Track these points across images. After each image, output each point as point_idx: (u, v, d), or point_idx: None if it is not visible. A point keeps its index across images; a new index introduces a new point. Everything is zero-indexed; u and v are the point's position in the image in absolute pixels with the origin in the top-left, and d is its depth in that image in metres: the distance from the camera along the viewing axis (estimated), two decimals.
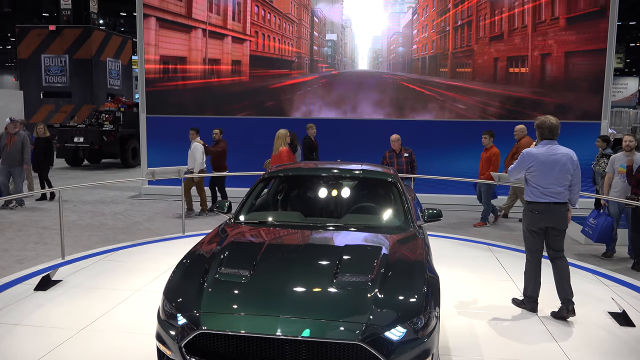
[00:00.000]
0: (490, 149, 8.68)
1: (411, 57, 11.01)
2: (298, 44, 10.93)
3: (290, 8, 9.84)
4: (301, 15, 9.90)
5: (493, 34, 10.55)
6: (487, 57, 10.63)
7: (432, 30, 10.54)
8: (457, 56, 10.77)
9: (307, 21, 10.34)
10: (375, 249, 3.73)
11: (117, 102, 19.15)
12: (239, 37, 11.01)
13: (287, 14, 9.90)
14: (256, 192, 4.85)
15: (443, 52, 10.76)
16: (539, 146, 4.77)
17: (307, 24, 10.29)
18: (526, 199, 4.81)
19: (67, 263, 6.21)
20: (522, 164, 4.74)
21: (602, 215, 6.94)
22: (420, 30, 10.45)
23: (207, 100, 11.58)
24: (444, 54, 10.77)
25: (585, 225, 7.14)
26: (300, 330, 2.84)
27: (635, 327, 4.55)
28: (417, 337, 2.93)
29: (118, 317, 4.60)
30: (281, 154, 7.59)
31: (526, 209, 4.84)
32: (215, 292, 3.18)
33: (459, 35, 10.51)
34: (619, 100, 35.78)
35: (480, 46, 10.62)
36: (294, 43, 10.74)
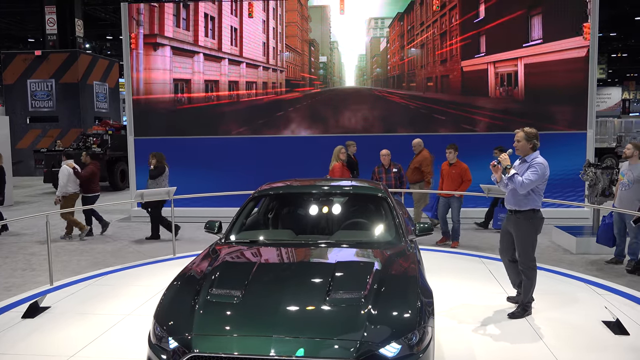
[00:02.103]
0: (458, 164, 8.23)
1: (387, 75, 11.36)
2: (302, 69, 11.50)
3: (297, 43, 11.39)
4: (303, 47, 11.42)
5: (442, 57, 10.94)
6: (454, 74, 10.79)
7: (397, 56, 11.36)
8: (414, 74, 10.92)
9: (307, 50, 11.47)
10: (368, 265, 3.71)
11: (105, 125, 19.06)
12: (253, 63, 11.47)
13: (294, 48, 11.40)
14: (246, 211, 4.82)
15: (408, 72, 11.14)
16: (536, 155, 4.89)
17: (307, 52, 11.46)
18: (532, 207, 4.87)
19: (56, 289, 6.11)
20: (543, 174, 4.78)
21: (609, 218, 7.07)
22: (391, 55, 11.34)
23: (196, 121, 11.58)
24: (408, 73, 11.12)
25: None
26: (294, 349, 2.80)
27: (629, 336, 4.54)
28: (412, 353, 2.90)
29: (108, 343, 4.51)
30: (334, 169, 8.01)
31: (535, 217, 4.90)
32: (206, 314, 3.13)
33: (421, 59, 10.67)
34: (603, 110, 36.29)
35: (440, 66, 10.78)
36: (299, 69, 11.52)
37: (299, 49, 11.36)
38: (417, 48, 11.08)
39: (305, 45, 11.40)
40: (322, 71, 11.43)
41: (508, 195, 5.01)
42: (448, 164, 8.31)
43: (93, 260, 7.78)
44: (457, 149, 8.32)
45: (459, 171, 8.17)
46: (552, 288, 5.87)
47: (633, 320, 4.87)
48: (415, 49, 11.09)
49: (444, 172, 8.36)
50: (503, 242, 5.25)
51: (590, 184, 7.97)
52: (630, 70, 47.74)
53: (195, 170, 11.39)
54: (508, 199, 5.03)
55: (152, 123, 11.65)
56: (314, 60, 11.35)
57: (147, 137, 11.62)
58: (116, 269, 7.04)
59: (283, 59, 11.40)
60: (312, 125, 11.39)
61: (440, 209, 8.46)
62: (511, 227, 5.04)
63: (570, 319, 4.91)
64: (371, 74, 11.43)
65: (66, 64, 23.64)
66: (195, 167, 11.44)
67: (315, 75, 11.45)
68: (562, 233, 8.36)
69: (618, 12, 25.63)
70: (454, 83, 10.95)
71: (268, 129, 11.42)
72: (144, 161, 11.62)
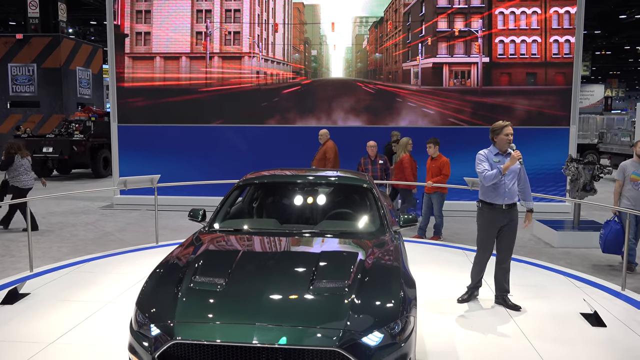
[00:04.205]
0: (439, 158, 8.17)
1: (367, 69, 11.50)
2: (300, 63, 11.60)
3: (297, 42, 11.61)
4: (302, 45, 11.65)
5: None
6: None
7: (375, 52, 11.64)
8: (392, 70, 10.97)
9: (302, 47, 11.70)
10: (352, 255, 3.72)
11: (88, 112, 18.79)
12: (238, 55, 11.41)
13: (294, 45, 11.63)
14: (231, 199, 4.80)
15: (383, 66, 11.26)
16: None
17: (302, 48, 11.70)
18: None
19: (36, 275, 6.03)
20: None
21: (609, 224, 6.56)
22: (371, 51, 11.62)
23: (180, 109, 11.47)
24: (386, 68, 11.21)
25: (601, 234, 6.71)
26: (277, 337, 2.80)
27: (606, 327, 4.63)
28: (395, 342, 2.92)
29: (89, 330, 4.47)
30: (402, 161, 8.37)
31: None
32: (189, 301, 3.11)
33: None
34: (585, 107, 36.73)
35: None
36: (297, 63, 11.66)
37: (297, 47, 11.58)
38: (382, 53, 11.50)
39: (301, 43, 11.58)
40: (314, 64, 11.46)
41: (509, 188, 4.88)
42: (430, 158, 8.31)
43: (74, 248, 7.69)
44: (438, 142, 8.26)
45: (438, 165, 8.13)
46: (532, 280, 5.95)
47: (610, 313, 4.96)
48: (380, 54, 11.48)
49: (427, 166, 8.38)
50: (491, 238, 5.08)
51: (572, 178, 8.08)
52: (613, 68, 48.39)
53: (179, 158, 11.31)
54: (507, 192, 4.87)
55: (136, 110, 11.51)
56: (307, 55, 11.54)
57: (131, 124, 11.50)
58: (98, 257, 6.97)
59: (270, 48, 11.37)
60: (297, 116, 11.36)
61: (424, 204, 8.47)
62: (506, 222, 4.97)
63: (549, 311, 4.99)
64: (355, 66, 11.48)
65: (48, 49, 23.20)
66: (180, 155, 11.36)
67: (306, 67, 11.44)
68: (543, 227, 8.47)
69: (603, 10, 25.88)
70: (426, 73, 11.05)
71: (253, 119, 11.37)
72: (127, 148, 11.52)
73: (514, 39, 10.84)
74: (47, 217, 10.15)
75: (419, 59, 11.18)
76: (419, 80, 11.18)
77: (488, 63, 10.93)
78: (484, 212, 5.03)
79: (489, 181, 4.82)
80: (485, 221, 5.05)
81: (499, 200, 4.91)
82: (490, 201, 4.95)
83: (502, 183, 4.86)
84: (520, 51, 10.85)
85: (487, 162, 4.91)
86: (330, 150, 9.28)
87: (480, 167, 4.91)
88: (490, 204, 4.96)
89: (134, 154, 11.44)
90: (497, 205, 4.92)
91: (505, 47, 10.89)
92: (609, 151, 17.85)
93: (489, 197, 4.96)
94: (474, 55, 10.96)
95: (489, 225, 5.03)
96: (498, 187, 4.88)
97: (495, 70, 10.93)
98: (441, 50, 11.09)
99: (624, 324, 4.74)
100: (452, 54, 11.07)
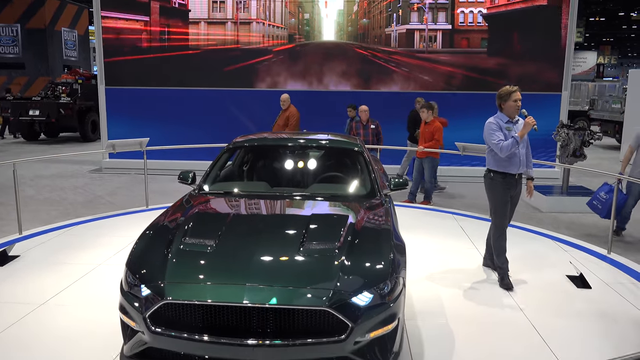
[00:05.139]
0: (432, 123, 8.15)
1: (357, 32, 11.33)
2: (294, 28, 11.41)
3: (293, 7, 11.47)
4: (296, 9, 11.47)
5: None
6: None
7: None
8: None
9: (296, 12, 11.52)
10: (342, 217, 3.72)
11: (75, 74, 18.44)
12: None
13: (290, 11, 11.48)
14: (221, 162, 4.76)
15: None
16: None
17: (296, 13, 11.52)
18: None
19: (25, 238, 6.00)
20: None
21: (605, 187, 6.42)
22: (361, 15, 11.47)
23: (169, 71, 11.27)
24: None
25: (594, 198, 6.54)
26: (267, 297, 2.81)
27: (591, 289, 4.72)
28: (384, 302, 2.95)
29: (80, 291, 4.49)
30: (434, 123, 8.21)
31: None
32: (179, 262, 3.11)
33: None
34: (578, 73, 36.65)
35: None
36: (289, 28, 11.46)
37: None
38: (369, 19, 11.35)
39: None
40: (307, 27, 11.25)
41: (522, 158, 4.70)
42: (424, 123, 8.29)
43: (64, 211, 7.65)
44: (432, 107, 8.22)
45: (431, 130, 8.12)
46: (520, 244, 6.03)
47: (596, 275, 5.06)
48: (367, 19, 11.34)
49: (420, 131, 8.36)
50: (508, 208, 4.83)
51: (563, 144, 8.10)
52: (606, 35, 48.05)
53: (169, 122, 11.19)
54: (522, 161, 4.70)
55: (124, 73, 11.30)
56: (301, 18, 11.34)
57: (119, 87, 11.30)
58: (88, 220, 6.94)
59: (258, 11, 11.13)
60: (287, 80, 11.21)
61: (415, 169, 8.47)
62: (515, 190, 4.77)
63: (536, 273, 5.07)
64: (347, 29, 11.29)
65: (32, 8, 22.57)
66: (169, 119, 11.23)
67: (296, 30, 11.23)
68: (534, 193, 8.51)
69: None
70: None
71: (244, 83, 11.20)
72: (115, 112, 11.35)
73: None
74: (35, 180, 10.06)
75: (427, 19, 10.97)
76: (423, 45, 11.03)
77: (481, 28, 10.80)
78: (497, 182, 4.72)
79: (506, 152, 4.52)
80: (500, 190, 4.73)
81: (513, 169, 4.67)
82: (504, 170, 4.67)
83: (517, 152, 4.62)
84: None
85: (500, 132, 4.58)
86: (293, 116, 9.04)
87: (495, 138, 4.57)
88: (503, 174, 4.69)
89: (123, 117, 11.29)
90: (511, 174, 4.69)
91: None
92: (600, 118, 17.89)
93: (503, 167, 4.67)
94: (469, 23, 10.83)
95: (505, 193, 4.73)
96: (513, 156, 4.63)
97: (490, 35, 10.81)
98: (440, 18, 10.94)
99: (609, 285, 4.83)
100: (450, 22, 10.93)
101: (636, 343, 3.78)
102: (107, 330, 3.69)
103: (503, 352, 3.60)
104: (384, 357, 2.96)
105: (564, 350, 3.62)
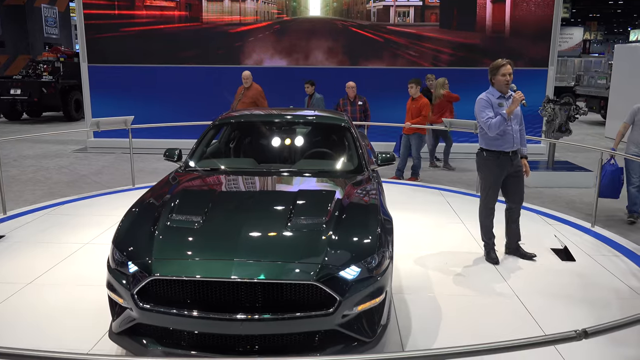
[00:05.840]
0: (419, 99, 8.15)
1: (341, 7, 11.15)
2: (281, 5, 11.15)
3: None
4: None
5: None
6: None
7: None
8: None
9: None
10: (329, 192, 3.72)
11: (56, 52, 18.04)
12: None
13: None
14: (207, 139, 4.72)
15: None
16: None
17: None
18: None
19: (9, 218, 5.94)
20: None
21: (606, 166, 6.06)
22: None
23: (154, 48, 11.07)
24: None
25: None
26: (255, 272, 2.82)
27: (575, 262, 4.80)
28: (371, 276, 2.97)
29: (67, 270, 4.47)
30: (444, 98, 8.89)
31: None
32: (167, 239, 3.10)
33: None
34: (564, 49, 36.65)
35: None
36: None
37: None
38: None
39: None
40: (294, 3, 11.06)
41: (517, 133, 4.56)
42: (411, 99, 8.28)
43: (48, 191, 7.57)
44: (420, 83, 8.25)
45: (418, 106, 8.12)
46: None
47: (580, 248, 5.14)
48: None
49: (407, 107, 8.34)
50: (498, 189, 4.73)
51: (549, 119, 8.14)
52: (593, 10, 48.01)
53: (153, 100, 11.04)
54: (516, 138, 4.55)
55: (106, 50, 11.08)
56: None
57: (103, 65, 11.09)
58: (73, 199, 6.88)
59: None
60: (275, 56, 11.09)
61: (402, 145, 8.47)
62: (510, 169, 4.62)
63: (521, 246, 5.13)
64: (332, 5, 11.14)
65: None
66: (154, 97, 11.07)
67: (283, 7, 11.05)
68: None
69: None
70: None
71: (228, 60, 11.05)
72: (99, 90, 11.17)
73: None
74: (18, 160, 9.93)
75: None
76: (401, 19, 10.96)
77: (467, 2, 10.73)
78: (490, 161, 4.59)
79: (494, 130, 4.40)
80: (493, 170, 4.61)
81: (507, 147, 4.52)
82: (498, 149, 4.53)
83: (509, 129, 4.46)
84: None
85: (490, 109, 4.44)
86: (258, 93, 8.82)
87: (484, 116, 4.43)
88: (497, 153, 4.55)
89: (107, 96, 11.10)
90: (505, 153, 4.54)
91: None
92: (586, 94, 17.99)
93: (496, 145, 4.53)
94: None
95: (497, 173, 4.61)
96: (506, 133, 4.48)
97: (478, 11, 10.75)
98: None
99: (592, 257, 4.92)
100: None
101: (618, 312, 3.86)
102: (95, 308, 3.69)
103: (489, 323, 3.66)
104: (372, 330, 3.00)
105: (547, 319, 3.70)
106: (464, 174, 9.03)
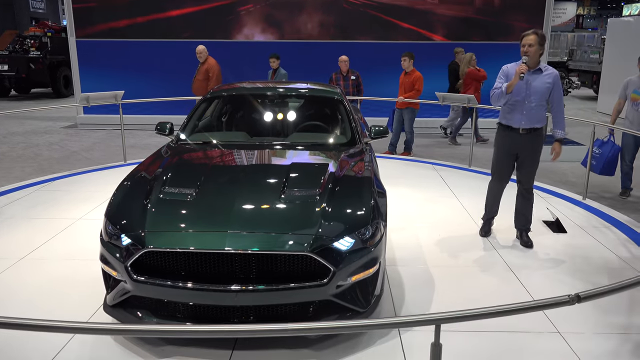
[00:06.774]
0: (412, 73, 8.04)
1: None
2: None
3: None
4: None
5: None
6: None
7: None
8: None
9: None
10: (323, 165, 3.71)
11: (43, 27, 17.71)
12: None
13: None
14: (199, 112, 4.67)
15: None
16: (546, 65, 4.38)
17: None
18: (544, 123, 4.46)
19: (0, 195, 5.89)
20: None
21: (608, 143, 6.03)
22: None
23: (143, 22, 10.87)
24: None
25: (588, 156, 6.05)
26: (249, 244, 2.82)
27: (566, 234, 4.85)
28: (365, 247, 2.99)
29: (60, 245, 4.45)
30: (469, 74, 8.87)
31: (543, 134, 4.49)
32: (159, 211, 3.09)
33: None
34: (557, 25, 36.44)
35: None
36: None
37: None
38: None
39: None
40: None
41: (530, 110, 4.23)
42: (404, 73, 8.20)
43: (39, 168, 7.50)
44: (413, 56, 8.15)
45: (411, 80, 8.05)
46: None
47: (571, 220, 5.19)
48: None
49: (400, 81, 8.27)
50: (506, 166, 4.50)
51: None
52: None
53: (144, 76, 10.87)
54: (526, 114, 4.24)
55: (94, 24, 10.87)
56: None
57: (91, 39, 10.89)
58: (65, 175, 6.82)
59: None
60: (266, 30, 10.93)
61: (395, 120, 8.42)
62: (521, 148, 4.35)
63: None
64: None
65: None
66: (144, 72, 10.90)
67: None
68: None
69: None
70: None
71: (220, 34, 10.89)
72: (88, 65, 10.99)
73: None
74: (8, 137, 9.81)
75: None
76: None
77: None
78: (499, 134, 4.44)
79: (494, 101, 4.28)
80: (500, 146, 4.43)
81: (514, 123, 4.27)
82: (506, 123, 4.32)
83: (522, 102, 4.20)
84: None
85: (503, 79, 4.24)
86: (213, 68, 8.49)
87: (495, 85, 4.26)
88: (505, 127, 4.35)
89: (96, 71, 10.93)
90: (514, 129, 4.31)
91: None
92: (578, 68, 17.95)
93: (505, 119, 4.33)
94: None
95: (505, 151, 4.41)
96: (515, 106, 4.24)
97: None
98: None
99: (583, 229, 4.97)
100: None
101: (608, 281, 3.91)
102: (89, 281, 3.68)
103: (481, 293, 3.70)
104: (366, 300, 3.02)
105: (539, 289, 3.74)
106: (455, 148, 9.04)
